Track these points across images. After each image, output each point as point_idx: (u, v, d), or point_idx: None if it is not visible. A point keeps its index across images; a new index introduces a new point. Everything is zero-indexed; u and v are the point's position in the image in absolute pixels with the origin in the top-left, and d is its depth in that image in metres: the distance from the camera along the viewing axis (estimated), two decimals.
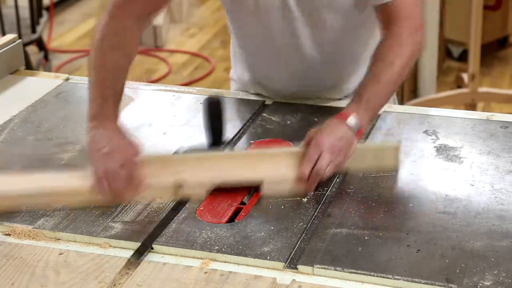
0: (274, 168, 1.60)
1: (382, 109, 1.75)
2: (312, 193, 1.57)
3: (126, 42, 1.71)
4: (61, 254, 1.42)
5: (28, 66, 3.16)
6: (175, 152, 1.72)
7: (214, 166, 1.61)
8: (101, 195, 1.54)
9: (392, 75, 1.68)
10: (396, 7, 1.71)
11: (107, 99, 1.67)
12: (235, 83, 2.10)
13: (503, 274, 1.32)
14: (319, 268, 1.35)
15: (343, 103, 1.97)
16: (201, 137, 1.74)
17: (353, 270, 1.34)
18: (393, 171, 1.64)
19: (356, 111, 1.63)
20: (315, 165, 1.56)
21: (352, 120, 1.62)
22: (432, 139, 1.78)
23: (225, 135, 1.71)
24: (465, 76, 4.11)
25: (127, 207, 1.55)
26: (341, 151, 1.58)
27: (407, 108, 2.00)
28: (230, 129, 1.85)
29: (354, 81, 1.91)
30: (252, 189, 1.60)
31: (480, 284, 1.30)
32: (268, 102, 1.98)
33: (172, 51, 5.26)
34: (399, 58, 1.69)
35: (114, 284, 1.34)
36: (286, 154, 1.62)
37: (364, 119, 1.64)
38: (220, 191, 1.59)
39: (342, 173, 1.63)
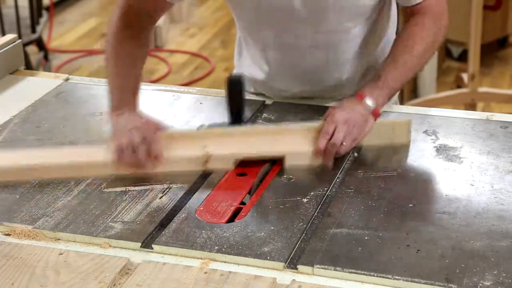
0: (294, 142, 1.70)
1: (382, 109, 1.76)
2: (332, 164, 1.66)
3: (139, 33, 1.81)
4: (61, 254, 1.41)
5: (28, 66, 3.16)
6: (198, 128, 1.82)
7: (237, 140, 1.71)
8: (124, 167, 1.65)
9: (411, 59, 1.77)
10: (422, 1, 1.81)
11: (125, 90, 1.77)
12: None
13: (503, 274, 1.32)
14: (319, 268, 1.35)
15: None
16: None
17: (353, 270, 1.34)
18: (405, 145, 1.74)
19: (372, 92, 1.72)
20: (331, 138, 1.65)
21: (368, 99, 1.71)
22: (432, 139, 1.78)
23: (245, 113, 1.80)
24: (465, 76, 4.11)
25: (127, 207, 1.55)
26: (356, 125, 1.67)
27: (407, 108, 2.00)
28: None
29: (357, 82, 1.93)
30: (252, 189, 1.60)
31: (480, 284, 1.30)
32: (268, 102, 1.97)
33: (172, 51, 5.26)
34: (420, 42, 1.79)
35: (114, 284, 1.33)
36: (306, 129, 1.72)
37: (380, 99, 1.73)
38: (220, 191, 1.59)
39: (358, 147, 1.72)
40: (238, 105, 1.77)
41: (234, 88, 1.76)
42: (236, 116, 1.78)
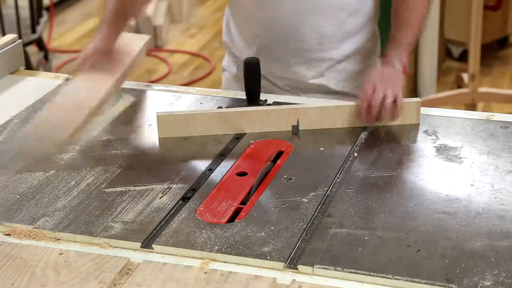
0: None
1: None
2: (372, 126, 1.83)
3: None
4: (61, 254, 1.41)
5: (28, 66, 3.16)
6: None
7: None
8: None
9: (416, 15, 1.95)
10: None
11: (113, 22, 1.94)
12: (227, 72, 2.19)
13: (503, 274, 1.32)
14: (319, 268, 1.35)
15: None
16: (201, 137, 1.75)
17: (353, 270, 1.34)
18: (415, 125, 1.83)
19: (394, 53, 1.89)
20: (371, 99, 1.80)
21: (395, 61, 1.87)
22: (432, 139, 1.78)
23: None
24: (465, 76, 4.11)
25: (127, 207, 1.55)
26: (391, 79, 1.83)
27: None
28: None
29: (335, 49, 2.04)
30: (253, 189, 1.60)
31: (480, 284, 1.30)
32: (269, 102, 1.97)
33: (172, 51, 5.26)
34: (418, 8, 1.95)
35: (114, 284, 1.34)
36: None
37: (404, 56, 1.90)
38: (220, 191, 1.59)
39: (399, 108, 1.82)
40: (255, 86, 1.88)
41: (251, 70, 1.86)
42: (253, 96, 1.89)
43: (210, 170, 1.69)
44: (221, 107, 1.93)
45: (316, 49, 2.04)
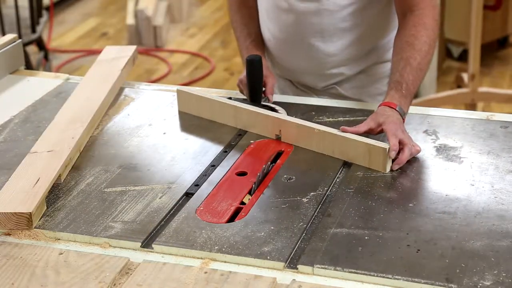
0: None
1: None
2: None
3: (246, 2, 2.13)
4: (61, 254, 1.42)
5: (28, 66, 3.16)
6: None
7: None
8: None
9: (423, 61, 1.83)
10: None
11: (248, 47, 2.06)
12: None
13: (503, 274, 1.32)
14: (319, 268, 1.35)
15: (341, 103, 1.97)
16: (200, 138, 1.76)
17: (353, 270, 1.34)
18: (381, 171, 1.65)
19: (400, 101, 1.77)
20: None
21: (399, 108, 1.76)
22: (432, 139, 1.78)
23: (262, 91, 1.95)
24: (465, 76, 4.11)
25: (127, 207, 1.55)
26: (404, 132, 1.72)
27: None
28: (230, 129, 1.85)
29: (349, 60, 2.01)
30: (253, 189, 1.60)
31: (480, 284, 1.30)
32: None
33: (172, 51, 5.26)
34: (427, 42, 1.84)
35: (114, 284, 1.34)
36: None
37: (406, 106, 1.79)
38: (220, 191, 1.59)
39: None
40: (257, 84, 1.90)
41: (254, 68, 1.88)
42: (255, 93, 1.91)
43: (213, 166, 1.69)
44: (231, 98, 1.95)
45: (323, 67, 2.03)
